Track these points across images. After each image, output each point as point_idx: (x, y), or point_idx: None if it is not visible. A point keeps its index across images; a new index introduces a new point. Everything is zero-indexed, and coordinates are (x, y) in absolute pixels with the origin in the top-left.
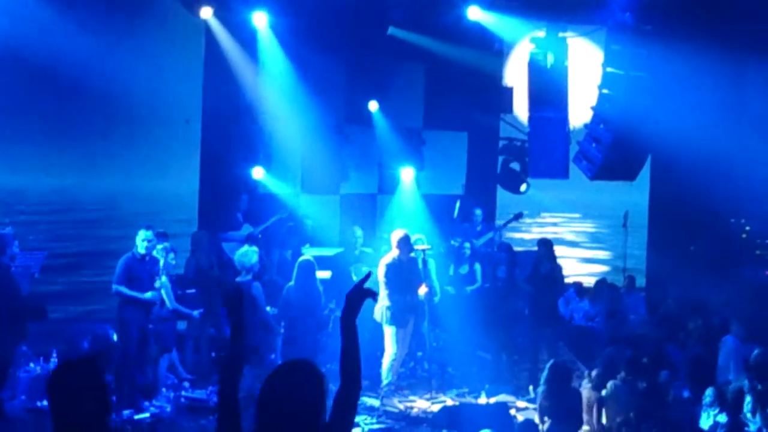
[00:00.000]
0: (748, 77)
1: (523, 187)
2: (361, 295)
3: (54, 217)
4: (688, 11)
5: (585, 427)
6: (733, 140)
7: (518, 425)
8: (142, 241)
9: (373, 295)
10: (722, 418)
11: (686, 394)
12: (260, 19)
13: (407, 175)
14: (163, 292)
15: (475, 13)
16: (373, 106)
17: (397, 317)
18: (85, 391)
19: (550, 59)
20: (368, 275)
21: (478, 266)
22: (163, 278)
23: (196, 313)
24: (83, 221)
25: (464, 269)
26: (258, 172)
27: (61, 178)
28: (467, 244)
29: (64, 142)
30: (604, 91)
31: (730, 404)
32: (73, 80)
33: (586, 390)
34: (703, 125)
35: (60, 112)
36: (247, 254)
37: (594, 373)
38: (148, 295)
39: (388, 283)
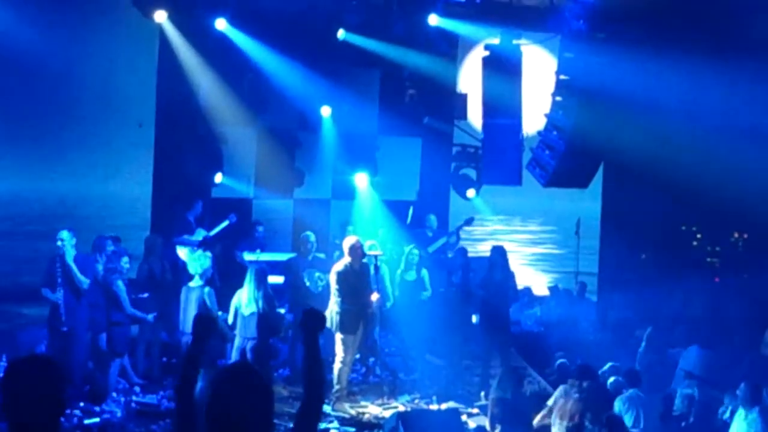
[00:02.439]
0: (702, 82)
1: (470, 193)
2: (319, 318)
3: (8, 223)
4: (642, 18)
5: None
6: (685, 146)
7: None
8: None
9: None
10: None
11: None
12: (219, 24)
13: (361, 180)
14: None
15: (433, 20)
16: (325, 111)
17: (347, 324)
18: (41, 389)
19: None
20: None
21: (425, 272)
22: (119, 282)
23: (150, 317)
24: (33, 223)
25: (411, 276)
26: (218, 178)
27: (8, 181)
28: (415, 251)
29: (11, 144)
30: (558, 98)
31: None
32: (22, 80)
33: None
34: (655, 132)
35: (7, 113)
36: (200, 259)
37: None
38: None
39: (339, 290)
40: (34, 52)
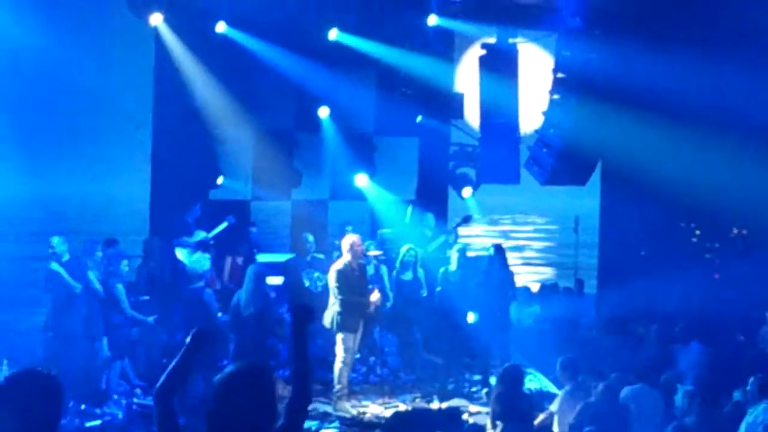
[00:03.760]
0: (699, 78)
1: (466, 192)
2: (308, 312)
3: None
4: (638, 15)
5: None
6: (683, 142)
7: (464, 430)
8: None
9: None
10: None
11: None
12: (219, 27)
13: (362, 180)
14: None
15: (432, 20)
16: (323, 112)
17: (347, 323)
18: (41, 400)
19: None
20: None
21: (421, 272)
22: (119, 285)
23: (150, 319)
24: (31, 226)
25: (408, 275)
26: (220, 180)
27: (3, 184)
28: (411, 251)
29: (6, 147)
30: (555, 96)
31: None
32: (18, 83)
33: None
34: (653, 128)
35: (1, 117)
36: (199, 261)
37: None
38: None
39: (339, 288)
40: (29, 56)
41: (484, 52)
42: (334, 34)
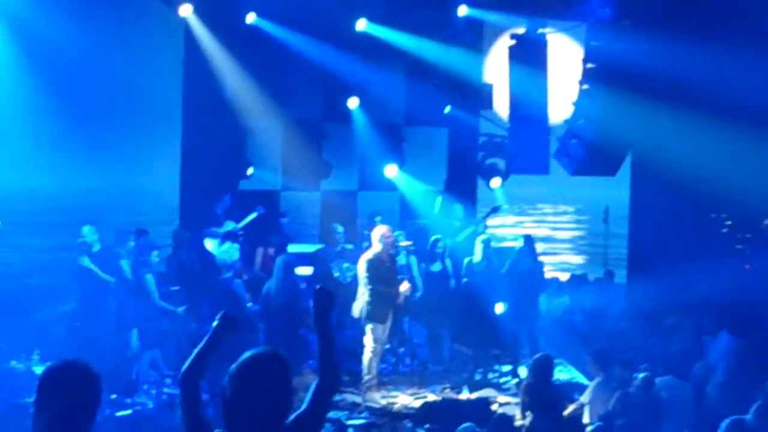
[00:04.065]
0: (729, 68)
1: (495, 183)
2: (329, 297)
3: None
4: (667, 5)
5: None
6: (714, 132)
7: (492, 421)
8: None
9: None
10: None
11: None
12: (249, 17)
13: (391, 171)
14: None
15: (462, 11)
16: (353, 102)
17: (376, 313)
18: (79, 393)
19: None
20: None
21: (449, 262)
22: (148, 276)
23: (180, 309)
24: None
25: (437, 266)
26: (250, 171)
27: (36, 176)
28: (440, 243)
29: (37, 139)
30: (584, 86)
31: None
32: (47, 75)
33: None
34: (683, 118)
35: (33, 109)
36: (228, 251)
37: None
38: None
39: (369, 279)
40: (58, 48)
41: (513, 42)
42: (362, 24)
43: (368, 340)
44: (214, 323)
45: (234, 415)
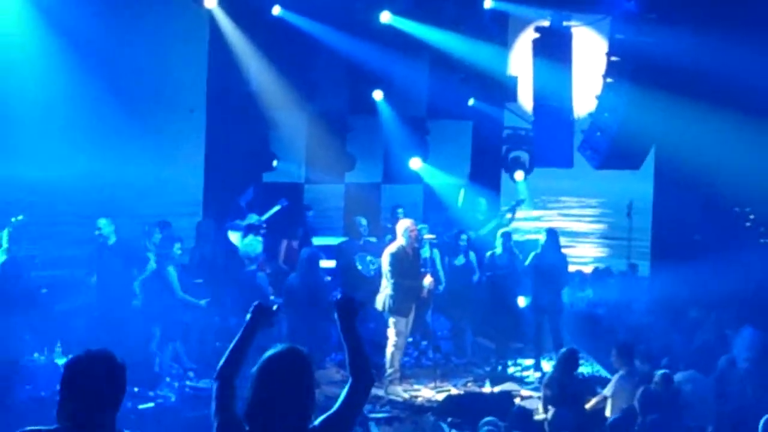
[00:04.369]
0: (753, 62)
1: (518, 176)
2: (351, 304)
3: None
4: None
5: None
6: (739, 126)
7: (511, 414)
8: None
9: (360, 306)
10: None
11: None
12: (274, 10)
13: (416, 164)
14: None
15: (487, 3)
16: (377, 95)
17: (399, 306)
18: (101, 383)
19: None
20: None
21: (473, 255)
22: (170, 268)
23: (203, 302)
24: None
25: (460, 260)
26: (274, 163)
27: (61, 168)
28: (464, 236)
29: (63, 131)
30: (609, 80)
31: None
32: (72, 68)
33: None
34: (708, 112)
35: (59, 101)
36: (252, 244)
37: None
38: None
39: (392, 272)
40: (84, 41)
41: (537, 35)
42: (386, 17)
43: (391, 333)
44: (248, 316)
45: (258, 417)
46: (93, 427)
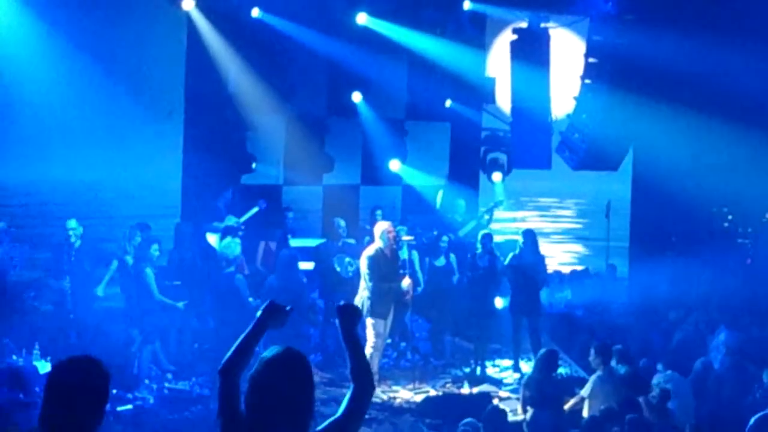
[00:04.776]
0: (731, 63)
1: (496, 177)
2: (353, 310)
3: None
4: (671, 0)
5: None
6: (716, 127)
7: (485, 413)
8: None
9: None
10: None
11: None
12: (254, 12)
13: (395, 165)
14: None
15: (466, 5)
16: (356, 97)
17: (378, 308)
18: (86, 390)
19: None
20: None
21: (453, 257)
22: (148, 269)
23: (180, 304)
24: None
25: (440, 261)
26: (253, 165)
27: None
28: (444, 237)
29: (39, 132)
30: (587, 81)
31: None
32: (49, 68)
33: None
34: (685, 114)
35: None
36: (230, 246)
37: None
38: None
39: (370, 275)
40: (60, 41)
41: (515, 36)
42: (363, 18)
43: (369, 335)
44: (258, 313)
45: (257, 419)
46: None
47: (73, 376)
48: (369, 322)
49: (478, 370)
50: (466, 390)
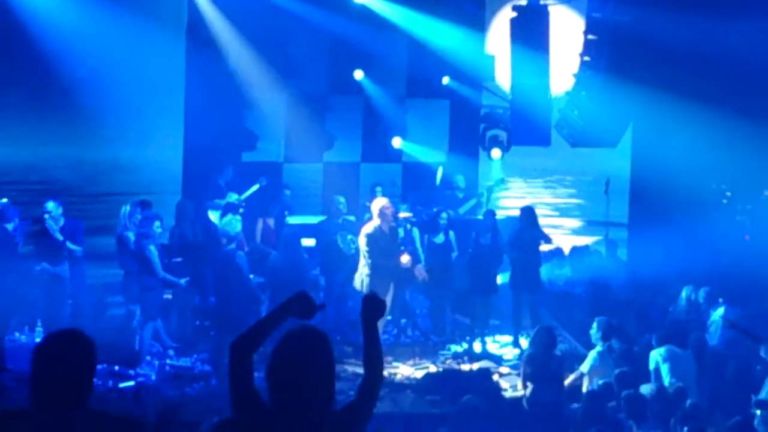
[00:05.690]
0: (732, 40)
1: (495, 154)
2: (378, 305)
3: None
4: None
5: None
6: (717, 103)
7: (482, 390)
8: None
9: (385, 308)
10: None
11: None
12: None
13: (398, 142)
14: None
15: None
16: (358, 74)
17: (376, 286)
18: (73, 364)
19: None
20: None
21: (452, 234)
22: (151, 247)
23: (183, 281)
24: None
25: (440, 238)
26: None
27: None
28: (444, 214)
29: (40, 112)
30: (586, 58)
31: None
32: (50, 50)
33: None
34: (685, 89)
35: (36, 83)
36: (231, 223)
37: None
38: None
39: (369, 252)
40: (59, 19)
41: (515, 14)
42: None
43: None
44: (287, 298)
45: (280, 396)
46: (62, 407)
47: (56, 349)
48: None
49: (478, 346)
50: (466, 366)
